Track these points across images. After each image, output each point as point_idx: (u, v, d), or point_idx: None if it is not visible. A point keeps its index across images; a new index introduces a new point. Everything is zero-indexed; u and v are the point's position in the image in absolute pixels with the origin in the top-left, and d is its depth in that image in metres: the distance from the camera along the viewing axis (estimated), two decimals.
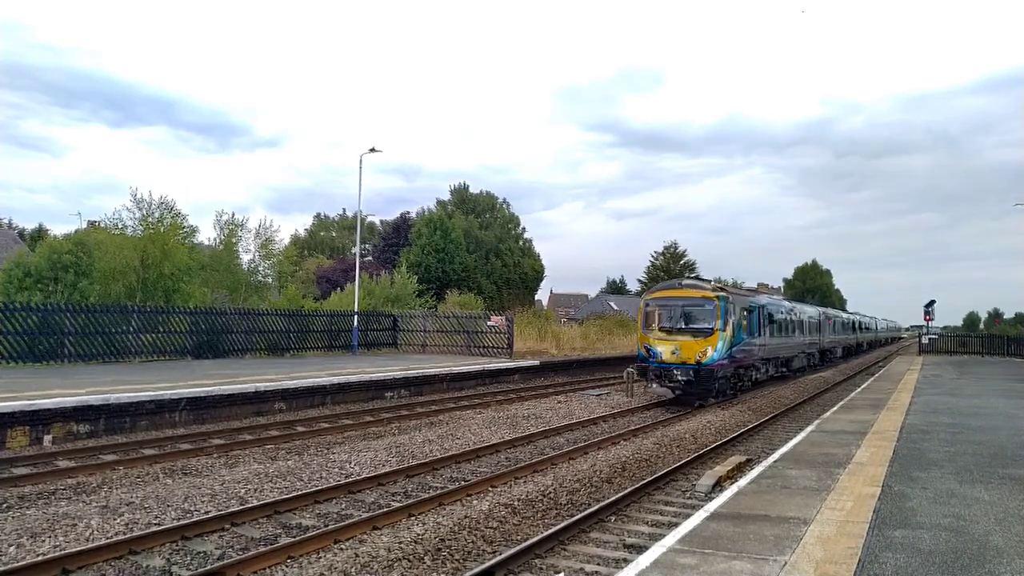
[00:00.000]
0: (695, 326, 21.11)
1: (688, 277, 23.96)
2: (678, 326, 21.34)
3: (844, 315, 56.20)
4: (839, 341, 47.57)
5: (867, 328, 69.29)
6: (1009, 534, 6.91)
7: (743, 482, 9.45)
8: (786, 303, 33.29)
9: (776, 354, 28.46)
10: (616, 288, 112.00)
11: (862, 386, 25.51)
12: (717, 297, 21.19)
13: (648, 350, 21.39)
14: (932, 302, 53.77)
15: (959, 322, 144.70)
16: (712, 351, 20.52)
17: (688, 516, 8.08)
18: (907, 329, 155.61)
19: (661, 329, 21.50)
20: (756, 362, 25.20)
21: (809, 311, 37.95)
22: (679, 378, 20.62)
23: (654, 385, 21.84)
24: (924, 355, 49.48)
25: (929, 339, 55.55)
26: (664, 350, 20.93)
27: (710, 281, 22.16)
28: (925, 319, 55.40)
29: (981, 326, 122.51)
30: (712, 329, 20.77)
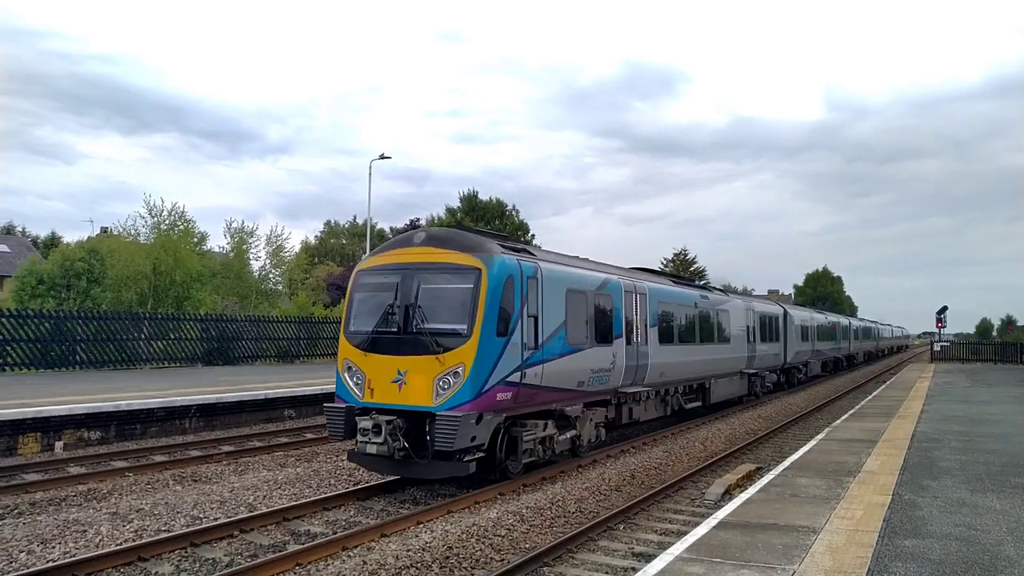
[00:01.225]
0: (436, 326, 10.44)
1: (435, 226, 11.05)
2: (410, 325, 10.60)
3: (826, 317, 41.23)
4: (818, 353, 36.31)
5: (867, 335, 58.13)
6: (1021, 544, 6.85)
7: (752, 490, 9.43)
8: (714, 295, 21.87)
9: (676, 376, 17.54)
10: None
11: (873, 394, 25.39)
12: (483, 263, 10.56)
13: (350, 373, 10.89)
14: (944, 308, 53.51)
15: (971, 328, 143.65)
16: (461, 379, 10.05)
17: (697, 524, 8.06)
18: (919, 336, 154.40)
19: (377, 332, 10.75)
20: (632, 389, 14.79)
21: (762, 308, 26.66)
22: (376, 442, 10.00)
23: (354, 446, 10.73)
24: (936, 363, 49.13)
25: (941, 346, 55.17)
26: (376, 375, 10.56)
27: (492, 234, 12.46)
28: (937, 326, 55.12)
29: (994, 333, 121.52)
30: (464, 332, 10.26)
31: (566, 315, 12.29)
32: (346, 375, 10.95)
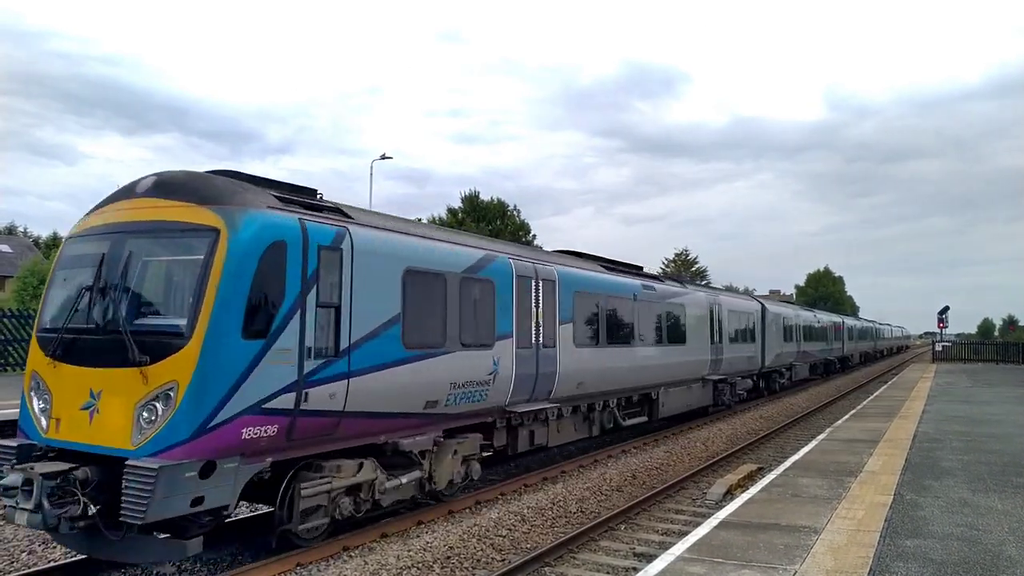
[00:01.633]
0: (142, 321, 6.98)
1: (173, 173, 7.61)
2: (111, 321, 6.96)
3: (815, 315, 37.92)
4: (805, 354, 32.97)
5: (863, 335, 55.75)
6: (1023, 544, 6.83)
7: (754, 490, 9.43)
8: (664, 286, 17.82)
9: (605, 387, 14.12)
10: None
11: (874, 394, 25.38)
12: (225, 220, 6.96)
13: (37, 393, 7.26)
14: (946, 308, 53.37)
15: (973, 329, 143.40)
16: (174, 406, 6.46)
17: (698, 524, 8.05)
18: (920, 336, 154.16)
19: (68, 331, 7.16)
20: (528, 407, 11.40)
21: (733, 303, 23.07)
22: (26, 508, 6.25)
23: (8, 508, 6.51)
24: (938, 363, 49.07)
25: (943, 346, 55.07)
26: (64, 397, 6.99)
27: (267, 181, 8.20)
28: (939, 326, 55.01)
29: (996, 333, 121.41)
30: (184, 330, 6.67)
31: (404, 306, 8.80)
32: (32, 396, 7.27)
